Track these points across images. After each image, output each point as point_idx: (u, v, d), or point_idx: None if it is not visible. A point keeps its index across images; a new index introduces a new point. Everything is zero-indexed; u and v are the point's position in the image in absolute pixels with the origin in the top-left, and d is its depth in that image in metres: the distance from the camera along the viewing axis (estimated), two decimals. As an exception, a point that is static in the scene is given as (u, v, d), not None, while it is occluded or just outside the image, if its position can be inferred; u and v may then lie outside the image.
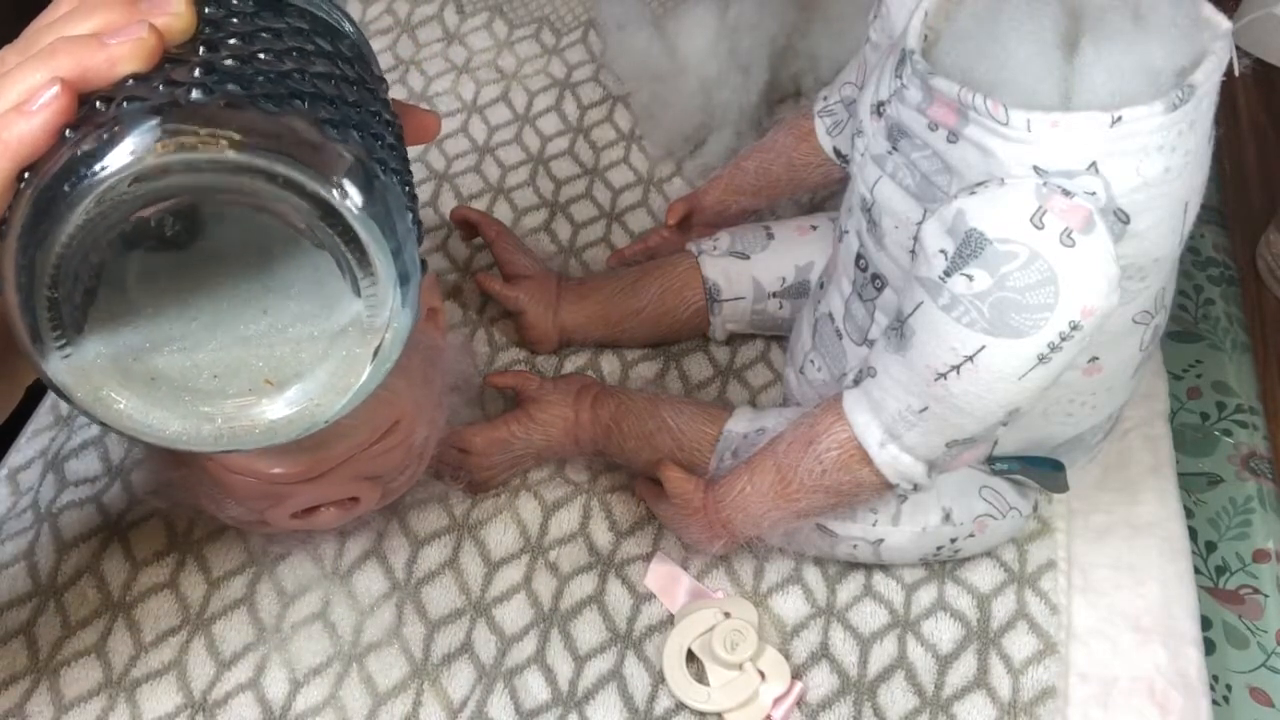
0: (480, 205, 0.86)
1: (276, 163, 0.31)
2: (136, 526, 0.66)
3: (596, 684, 0.61)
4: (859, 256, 0.58)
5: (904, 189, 0.52)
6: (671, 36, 0.88)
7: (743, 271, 0.73)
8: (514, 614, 0.64)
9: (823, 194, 0.82)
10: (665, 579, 0.65)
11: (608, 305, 0.74)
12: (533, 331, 0.74)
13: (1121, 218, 0.47)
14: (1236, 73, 0.49)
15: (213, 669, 0.61)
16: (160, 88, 0.31)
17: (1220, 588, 0.72)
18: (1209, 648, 0.68)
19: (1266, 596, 0.71)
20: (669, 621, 0.63)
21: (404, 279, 0.35)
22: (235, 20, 0.35)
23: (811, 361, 0.66)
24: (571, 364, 0.76)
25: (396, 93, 0.94)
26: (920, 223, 0.50)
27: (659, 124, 0.88)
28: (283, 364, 0.37)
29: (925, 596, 0.64)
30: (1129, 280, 0.49)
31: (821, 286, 0.67)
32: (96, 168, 0.30)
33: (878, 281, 0.57)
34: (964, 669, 0.62)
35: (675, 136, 0.88)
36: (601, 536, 0.67)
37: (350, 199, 0.32)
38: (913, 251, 0.52)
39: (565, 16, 1.01)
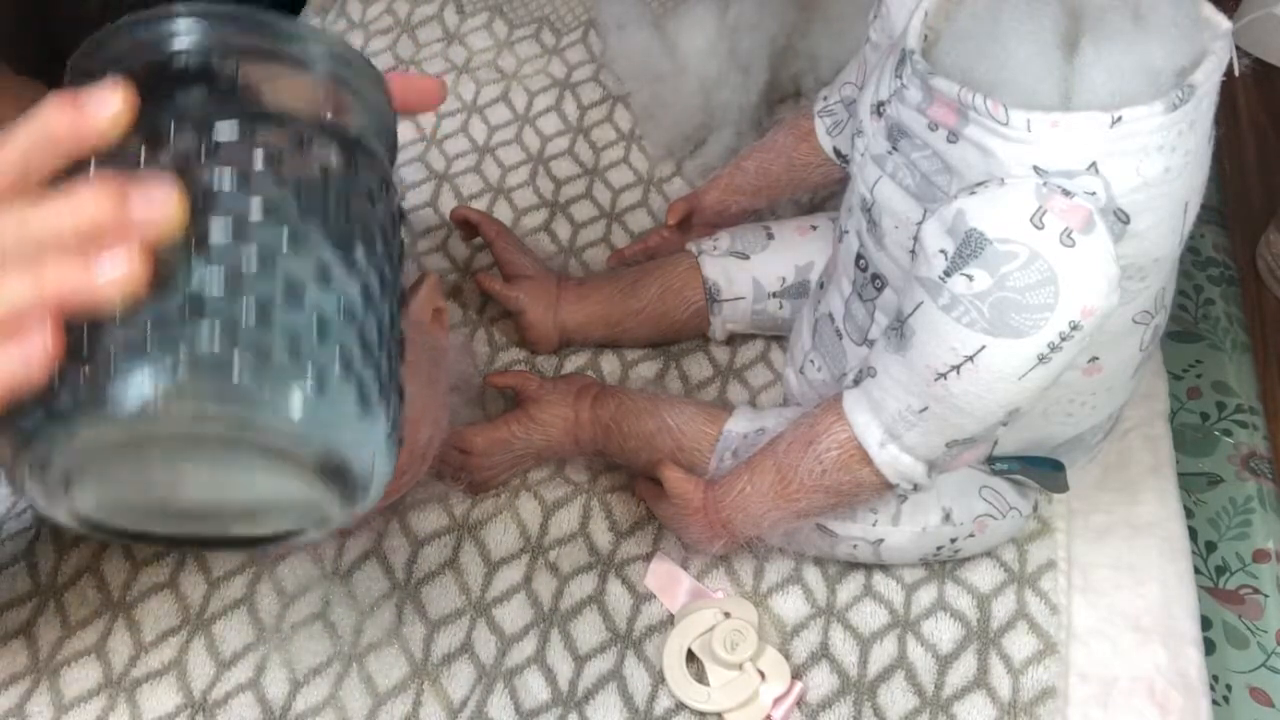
0: (480, 205, 0.86)
1: (257, 446, 0.31)
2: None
3: (596, 684, 0.61)
4: (859, 256, 0.58)
5: (904, 189, 0.52)
6: (671, 36, 0.88)
7: (743, 271, 0.73)
8: (514, 614, 0.64)
9: (823, 194, 0.82)
10: (665, 579, 0.65)
11: (608, 305, 0.74)
12: (533, 331, 0.74)
13: (1121, 218, 0.47)
14: (1236, 73, 0.49)
15: (213, 669, 0.61)
16: (148, 343, 0.29)
17: (1220, 588, 0.72)
18: (1209, 648, 0.68)
19: (1266, 596, 0.71)
20: (669, 621, 0.63)
21: (378, 483, 0.35)
22: (229, 183, 0.31)
23: (811, 361, 0.66)
24: (571, 364, 0.76)
25: (396, 93, 0.94)
26: (920, 223, 0.51)
27: (659, 124, 0.88)
28: (261, 515, 0.37)
29: (925, 596, 0.64)
30: (1129, 280, 0.49)
31: (821, 286, 0.67)
32: (68, 428, 0.29)
33: (878, 281, 0.57)
34: (964, 669, 0.62)
35: (675, 136, 0.88)
36: (601, 536, 0.67)
37: (340, 490, 0.32)
38: (913, 251, 0.52)
39: (565, 16, 1.01)
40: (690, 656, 0.61)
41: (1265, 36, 1.09)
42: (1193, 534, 0.71)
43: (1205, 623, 0.68)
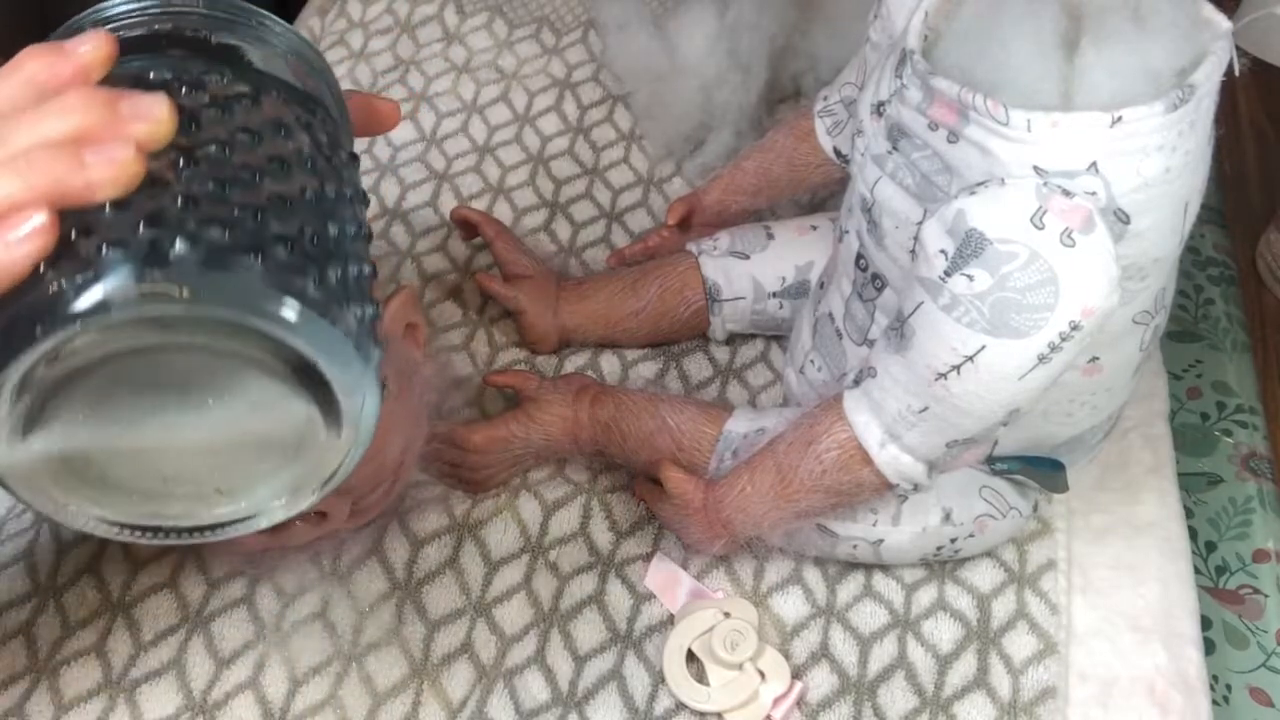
0: (480, 205, 0.86)
1: (253, 322, 0.30)
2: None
3: (596, 684, 0.61)
4: (859, 256, 0.58)
5: (904, 189, 0.52)
6: (671, 36, 0.88)
7: (743, 271, 0.73)
8: (514, 614, 0.64)
9: (823, 194, 0.82)
10: (665, 579, 0.65)
11: (608, 305, 0.74)
12: (533, 331, 0.74)
13: (1122, 218, 0.47)
14: (1236, 73, 0.49)
15: (212, 669, 0.61)
16: (141, 229, 0.30)
17: (1220, 588, 0.72)
18: (1209, 648, 0.68)
19: (1266, 596, 0.71)
20: (669, 621, 0.63)
21: (364, 422, 0.34)
22: (212, 113, 0.33)
23: (811, 361, 0.66)
24: (571, 364, 0.76)
25: (396, 93, 0.94)
26: (920, 223, 0.51)
27: (659, 124, 0.88)
28: (235, 476, 0.37)
29: (925, 596, 0.64)
30: (1129, 280, 0.49)
31: (821, 286, 0.67)
32: (69, 312, 0.29)
33: (878, 281, 0.57)
34: (964, 669, 0.62)
35: (675, 136, 0.88)
36: (601, 536, 0.67)
37: (325, 364, 0.32)
38: (913, 251, 0.52)
39: (565, 16, 1.01)
40: (690, 656, 0.61)
41: (1265, 36, 1.09)
42: (1193, 534, 0.71)
43: (1205, 623, 0.68)
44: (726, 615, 0.62)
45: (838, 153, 0.72)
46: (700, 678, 0.61)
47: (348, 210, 0.37)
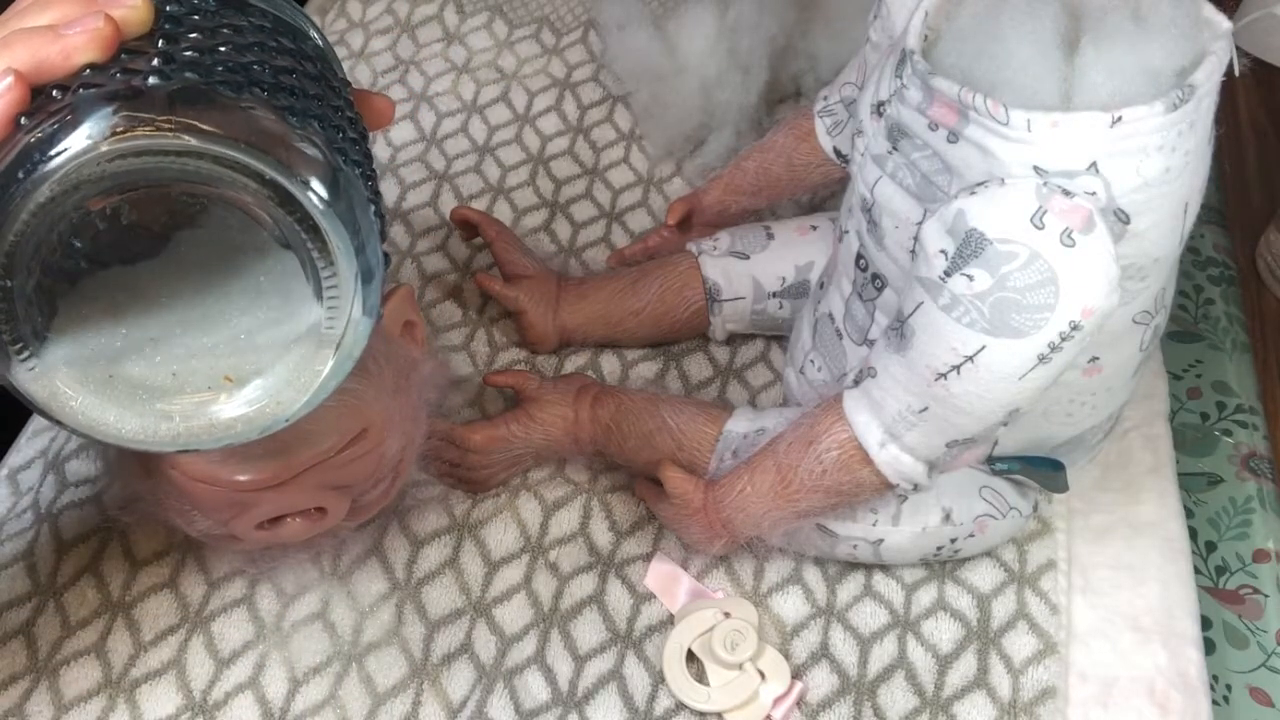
0: (480, 205, 0.86)
1: (234, 150, 0.31)
2: (136, 526, 0.66)
3: (596, 684, 0.61)
4: (859, 256, 0.58)
5: (904, 189, 0.52)
6: (671, 36, 0.88)
7: (743, 271, 0.73)
8: (514, 614, 0.64)
9: (823, 194, 0.82)
10: (665, 579, 0.65)
11: (608, 305, 0.74)
12: (533, 331, 0.74)
13: (1122, 218, 0.47)
14: (1236, 73, 0.49)
15: (212, 668, 0.61)
16: (117, 75, 0.31)
17: (1220, 588, 0.72)
18: (1209, 648, 0.68)
19: (1266, 596, 0.71)
20: (669, 621, 0.63)
21: (366, 276, 0.34)
22: (196, 16, 0.34)
23: (811, 361, 0.66)
24: (571, 364, 0.76)
25: (396, 93, 0.94)
26: (920, 223, 0.50)
27: (659, 124, 0.88)
28: (244, 362, 0.36)
29: (925, 596, 0.64)
30: (1129, 280, 0.49)
31: (821, 286, 0.67)
32: (51, 153, 0.29)
33: (878, 281, 0.57)
34: (964, 669, 0.62)
35: (675, 136, 0.88)
36: (601, 536, 0.67)
37: (312, 189, 0.32)
38: (913, 251, 0.52)
39: (565, 16, 1.01)
40: (690, 656, 0.61)
41: (1265, 36, 1.09)
42: (1193, 534, 0.71)
43: (1205, 623, 0.68)
44: (726, 615, 0.62)
45: (838, 153, 0.72)
46: (700, 678, 0.61)
47: (345, 113, 0.37)
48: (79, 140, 0.30)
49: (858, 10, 0.69)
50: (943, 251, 0.48)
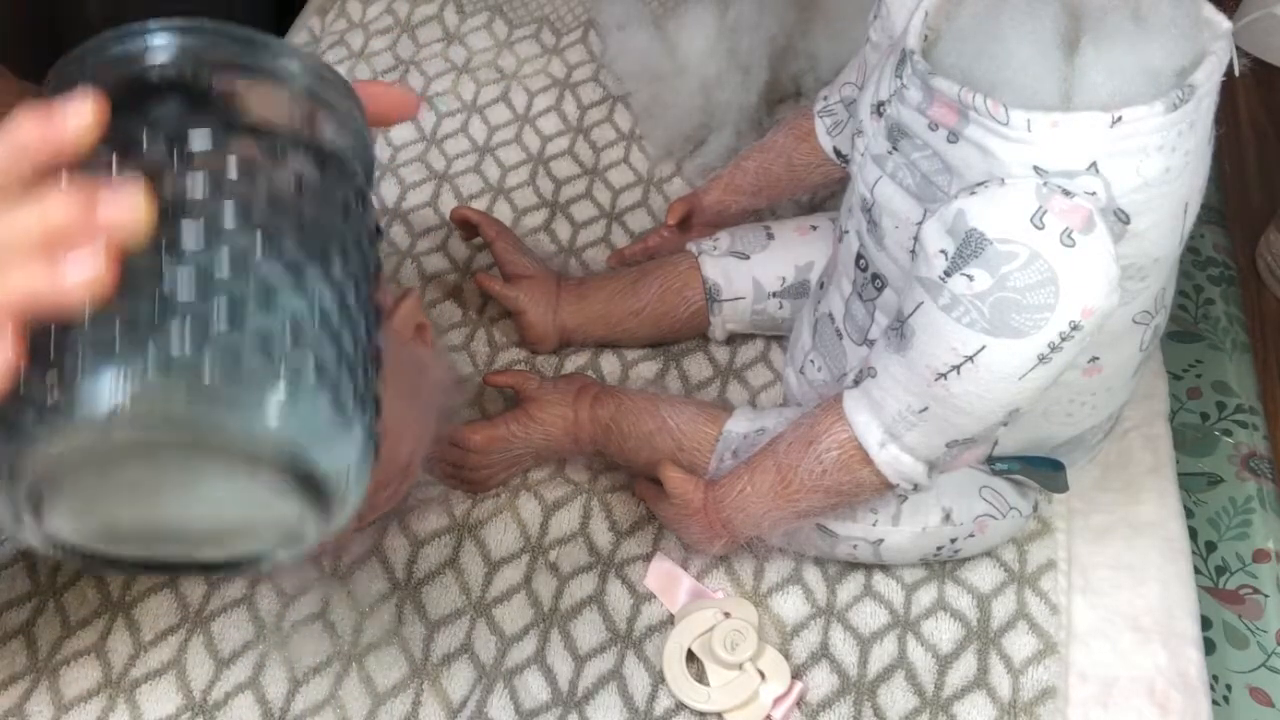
0: (480, 205, 0.86)
1: (229, 451, 0.30)
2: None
3: (596, 684, 0.61)
4: (859, 256, 0.58)
5: (904, 189, 0.52)
6: (671, 36, 0.88)
7: (743, 271, 0.73)
8: (514, 614, 0.64)
9: (823, 194, 0.82)
10: (665, 579, 0.65)
11: (608, 305, 0.74)
12: (533, 331, 0.74)
13: (1122, 218, 0.47)
14: (1236, 73, 0.49)
15: (212, 668, 0.61)
16: (118, 349, 0.29)
17: (1220, 588, 0.72)
18: (1209, 648, 0.68)
19: (1266, 596, 0.71)
20: (669, 621, 0.63)
21: (354, 506, 0.34)
22: (200, 192, 0.31)
23: (811, 361, 0.66)
24: (571, 364, 0.76)
25: (396, 93, 0.94)
26: (920, 223, 0.50)
27: (659, 124, 0.88)
28: (232, 535, 0.37)
29: (925, 596, 0.64)
30: (1129, 280, 0.49)
31: (821, 286, 0.67)
32: (31, 433, 0.29)
33: (878, 281, 0.57)
34: (964, 669, 0.62)
35: (675, 136, 0.88)
36: (601, 536, 0.67)
37: (314, 503, 0.32)
38: (913, 251, 0.52)
39: (565, 16, 1.01)
40: (690, 656, 0.61)
41: (1265, 36, 1.09)
42: (1193, 534, 0.71)
43: (1205, 623, 0.68)
44: (726, 615, 0.62)
45: (838, 153, 0.72)
46: (700, 678, 0.61)
47: (360, 313, 0.34)
48: (64, 423, 0.29)
49: (858, 10, 0.69)
50: (943, 251, 0.48)
